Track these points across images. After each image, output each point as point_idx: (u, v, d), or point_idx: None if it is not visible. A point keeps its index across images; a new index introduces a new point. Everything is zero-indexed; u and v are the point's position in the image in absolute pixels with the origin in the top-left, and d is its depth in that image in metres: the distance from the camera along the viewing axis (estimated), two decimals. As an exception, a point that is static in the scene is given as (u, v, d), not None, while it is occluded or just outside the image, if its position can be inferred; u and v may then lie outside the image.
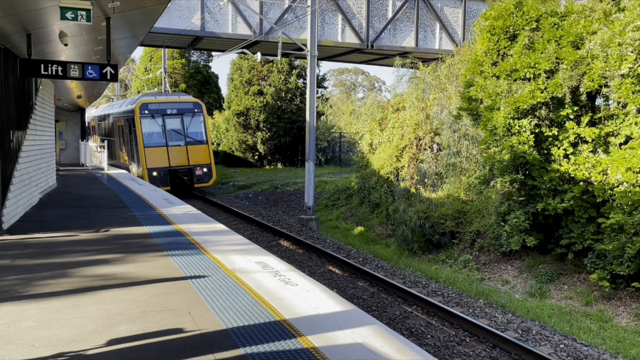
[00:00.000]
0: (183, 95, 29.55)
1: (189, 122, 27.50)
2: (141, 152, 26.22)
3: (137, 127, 26.49)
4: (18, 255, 9.00)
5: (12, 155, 11.91)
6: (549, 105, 13.18)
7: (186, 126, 27.34)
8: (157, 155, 26.38)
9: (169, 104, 27.53)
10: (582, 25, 13.03)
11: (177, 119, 27.32)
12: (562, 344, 9.95)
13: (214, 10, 24.08)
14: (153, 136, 26.65)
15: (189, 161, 27.08)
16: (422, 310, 11.59)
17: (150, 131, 26.61)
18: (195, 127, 27.69)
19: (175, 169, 26.70)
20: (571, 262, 13.01)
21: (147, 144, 26.39)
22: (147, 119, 26.63)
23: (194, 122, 27.73)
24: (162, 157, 26.49)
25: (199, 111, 27.93)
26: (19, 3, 8.01)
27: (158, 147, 26.56)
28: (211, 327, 5.74)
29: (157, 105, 27.25)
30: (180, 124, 27.35)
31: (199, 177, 27.23)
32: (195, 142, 27.49)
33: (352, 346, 5.28)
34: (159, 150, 26.54)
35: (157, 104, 27.25)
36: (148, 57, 55.07)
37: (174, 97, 28.53)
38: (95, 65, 10.53)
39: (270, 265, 8.41)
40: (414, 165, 20.62)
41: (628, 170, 11.63)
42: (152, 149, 26.39)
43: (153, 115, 26.80)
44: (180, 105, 27.72)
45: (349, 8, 26.34)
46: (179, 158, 26.90)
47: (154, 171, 26.06)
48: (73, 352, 5.10)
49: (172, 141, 27.00)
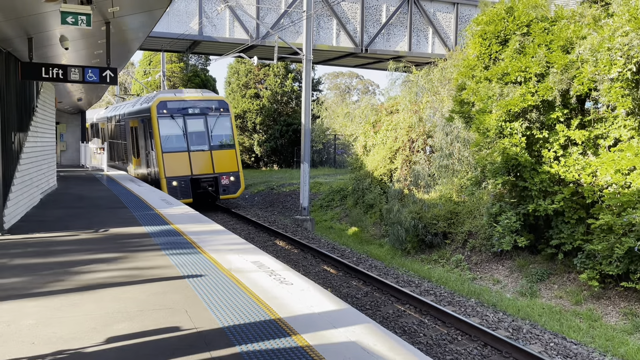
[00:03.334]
0: (206, 92, 25.71)
1: (213, 123, 24.10)
2: (158, 158, 22.92)
3: (153, 128, 23.14)
4: (19, 254, 9.13)
5: (14, 156, 12.05)
6: (540, 108, 13.40)
7: (210, 128, 23.92)
8: (178, 162, 23.04)
9: (190, 102, 23.97)
10: (571, 30, 13.25)
11: (200, 120, 23.89)
12: (552, 343, 10.13)
13: (212, 15, 24.26)
14: (172, 139, 23.29)
15: (214, 168, 23.61)
16: (415, 309, 11.78)
17: (169, 134, 23.26)
18: (221, 129, 24.30)
19: (198, 178, 23.23)
20: (561, 262, 13.22)
21: (165, 149, 23.00)
22: (165, 120, 23.23)
23: (220, 123, 24.33)
24: (183, 164, 23.13)
25: (225, 110, 24.51)
26: (20, 7, 8.15)
27: (178, 153, 23.20)
28: (208, 326, 5.83)
29: (177, 103, 23.72)
30: (203, 126, 23.93)
31: (225, 187, 23.71)
32: (221, 146, 24.15)
33: (345, 344, 5.35)
34: (179, 156, 23.18)
35: (176, 102, 23.71)
36: (147, 60, 55.20)
37: (196, 94, 24.74)
38: (95, 68, 10.70)
39: (266, 264, 8.55)
40: (407, 167, 20.83)
41: (617, 172, 11.85)
42: (171, 154, 23.04)
43: (172, 116, 23.39)
44: (204, 103, 24.21)
45: (343, 13, 26.57)
46: (202, 165, 23.48)
47: (173, 180, 22.69)
48: (72, 350, 5.18)
49: (195, 145, 23.54)
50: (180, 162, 23.07)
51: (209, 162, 23.57)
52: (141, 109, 25.34)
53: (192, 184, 22.98)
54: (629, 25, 11.53)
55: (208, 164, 23.55)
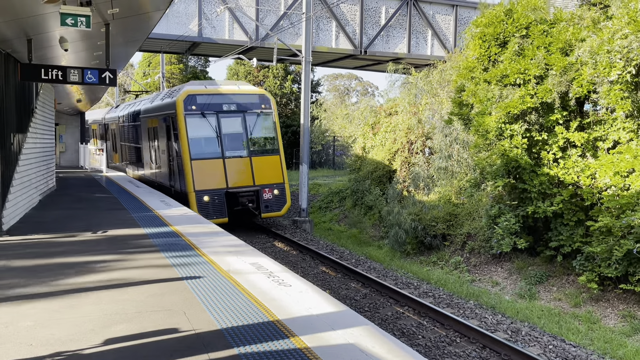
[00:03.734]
0: (243, 85, 20.94)
1: (253, 122, 19.79)
2: (186, 166, 18.54)
3: (179, 129, 18.83)
4: (17, 255, 9.13)
5: (13, 157, 12.06)
6: (539, 110, 13.42)
7: (250, 129, 19.66)
8: (210, 172, 18.73)
9: (225, 96, 19.65)
10: (570, 33, 13.28)
11: (237, 119, 19.61)
12: (550, 345, 10.13)
13: (211, 16, 24.29)
14: (203, 143, 19.00)
15: (254, 180, 19.28)
16: (414, 311, 11.77)
17: (199, 136, 18.94)
18: (262, 130, 20.05)
19: (235, 192, 18.77)
20: (560, 264, 13.22)
21: (194, 155, 18.62)
22: (194, 118, 18.90)
23: (261, 123, 20.01)
24: (217, 174, 18.82)
25: (268, 107, 20.20)
26: (20, 9, 8.16)
27: (210, 160, 18.86)
28: (206, 327, 5.84)
29: (209, 98, 19.41)
30: (241, 126, 19.60)
31: (267, 202, 19.28)
32: (263, 151, 19.86)
33: (344, 346, 5.35)
34: (211, 165, 18.83)
35: (209, 97, 19.41)
36: (146, 62, 55.30)
37: (232, 87, 20.25)
38: (94, 70, 10.71)
39: (264, 266, 8.55)
40: (406, 169, 20.85)
41: (616, 174, 11.86)
42: (202, 162, 18.68)
43: (203, 113, 19.01)
44: (242, 98, 19.87)
45: (343, 15, 26.61)
46: (240, 175, 19.19)
47: (204, 195, 18.37)
48: (70, 352, 5.18)
49: (231, 151, 19.24)
50: (213, 171, 18.75)
51: (248, 171, 19.30)
52: (162, 105, 20.88)
53: (227, 200, 18.71)
54: (629, 27, 11.55)
55: (247, 174, 19.27)
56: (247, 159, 19.37)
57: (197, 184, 18.36)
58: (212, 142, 19.03)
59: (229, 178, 18.88)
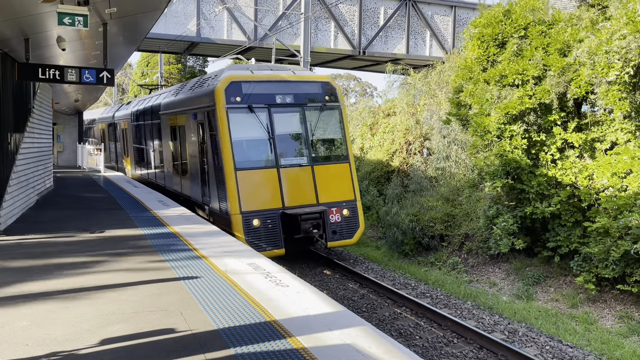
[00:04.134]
0: (300, 70, 16.04)
1: (315, 119, 14.98)
2: (228, 178, 13.86)
3: (219, 128, 14.04)
4: (14, 255, 9.12)
5: (10, 157, 12.04)
6: (537, 111, 13.44)
7: (311, 128, 14.91)
8: (260, 186, 14.14)
9: (279, 84, 14.82)
10: (569, 33, 13.30)
11: (295, 115, 14.89)
12: (548, 346, 10.14)
13: (210, 16, 24.29)
14: (252, 147, 14.34)
15: (318, 196, 14.63)
16: (411, 312, 11.77)
17: (246, 137, 14.25)
18: (327, 130, 15.29)
19: (295, 214, 13.96)
20: (557, 265, 13.23)
21: (241, 164, 13.97)
22: (239, 114, 14.16)
23: (326, 120, 15.25)
24: (270, 189, 14.19)
25: (333, 99, 15.31)
26: (17, 8, 8.15)
27: (262, 170, 14.22)
28: (203, 328, 5.84)
29: (258, 86, 14.48)
30: (300, 124, 14.88)
31: (335, 227, 14.59)
32: (329, 158, 15.14)
33: (340, 347, 5.36)
34: (263, 176, 14.21)
35: (257, 85, 14.48)
36: (145, 62, 55.22)
37: (285, 73, 15.34)
38: (92, 69, 10.71)
39: (261, 266, 8.55)
40: (405, 170, 20.86)
41: (613, 175, 11.88)
42: (250, 172, 14.05)
43: (251, 107, 14.22)
44: (300, 87, 15.08)
45: (341, 15, 26.63)
46: (300, 191, 14.50)
47: (253, 217, 13.75)
48: (66, 352, 5.18)
49: (288, 158, 14.56)
50: (265, 185, 14.13)
51: (310, 185, 14.57)
52: (192, 97, 16.10)
53: (283, 223, 14.04)
54: (627, 28, 11.56)
55: (308, 189, 14.56)
56: (309, 169, 14.58)
57: (244, 202, 13.70)
58: (263, 146, 14.30)
59: (286, 194, 14.19)
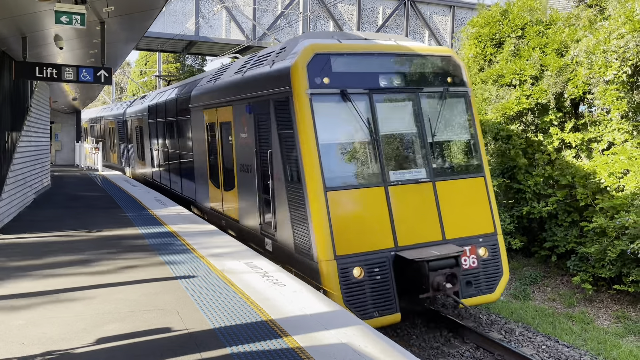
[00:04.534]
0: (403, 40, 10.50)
1: (436, 111, 9.80)
2: (312, 202, 8.68)
3: (298, 124, 8.90)
4: (11, 254, 9.10)
5: (7, 156, 12.03)
6: (534, 111, 13.46)
7: (430, 124, 9.72)
8: (361, 215, 8.89)
9: (381, 59, 9.55)
10: (566, 34, 13.32)
11: (407, 105, 9.67)
12: (544, 345, 10.13)
13: (208, 15, 24.28)
14: (348, 155, 9.23)
15: (444, 229, 9.38)
16: (408, 312, 11.75)
17: (337, 140, 9.10)
18: (453, 128, 10.04)
19: (419, 261, 8.58)
20: (554, 265, 13.25)
21: (331, 180, 8.77)
22: (328, 103, 9.01)
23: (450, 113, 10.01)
24: (375, 218, 8.92)
25: (458, 81, 10.05)
26: (14, 6, 8.14)
27: (363, 190, 8.96)
28: (199, 327, 5.83)
29: (355, 61, 9.35)
30: (413, 118, 9.64)
31: (470, 276, 9.52)
32: (456, 170, 9.85)
33: (336, 346, 5.36)
34: (364, 199, 8.96)
35: (353, 59, 9.32)
36: (143, 60, 55.14)
37: (385, 42, 10.10)
38: (89, 68, 10.68)
39: (259, 266, 8.53)
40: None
41: (610, 175, 11.90)
42: (346, 193, 8.84)
43: (345, 93, 8.98)
44: (412, 62, 9.81)
45: (340, 15, 26.62)
46: (418, 221, 9.24)
47: (354, 265, 8.54)
48: (62, 350, 5.17)
49: (399, 170, 9.31)
50: (369, 213, 8.98)
51: (433, 210, 9.43)
52: (247, 79, 10.93)
53: (396, 272, 8.91)
54: (625, 27, 11.58)
55: (430, 218, 9.40)
56: (429, 186, 9.46)
57: (339, 241, 8.64)
58: (364, 153, 9.29)
59: (398, 227, 9.06)
